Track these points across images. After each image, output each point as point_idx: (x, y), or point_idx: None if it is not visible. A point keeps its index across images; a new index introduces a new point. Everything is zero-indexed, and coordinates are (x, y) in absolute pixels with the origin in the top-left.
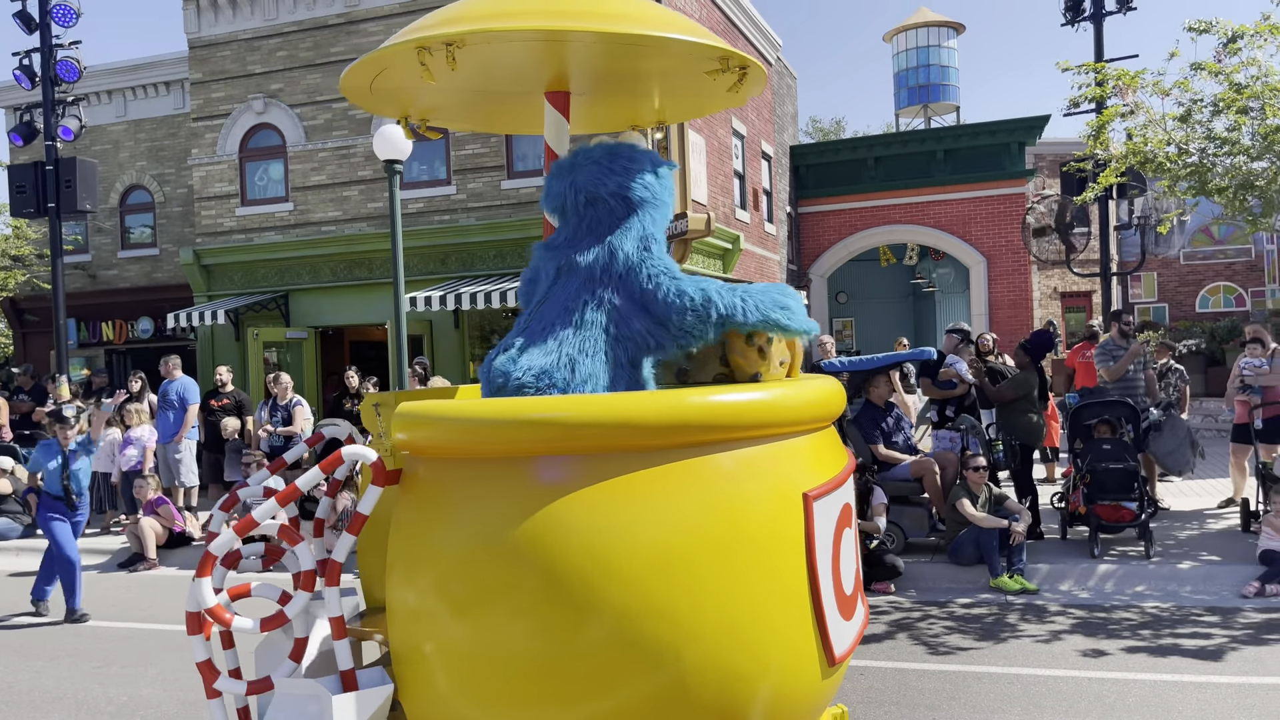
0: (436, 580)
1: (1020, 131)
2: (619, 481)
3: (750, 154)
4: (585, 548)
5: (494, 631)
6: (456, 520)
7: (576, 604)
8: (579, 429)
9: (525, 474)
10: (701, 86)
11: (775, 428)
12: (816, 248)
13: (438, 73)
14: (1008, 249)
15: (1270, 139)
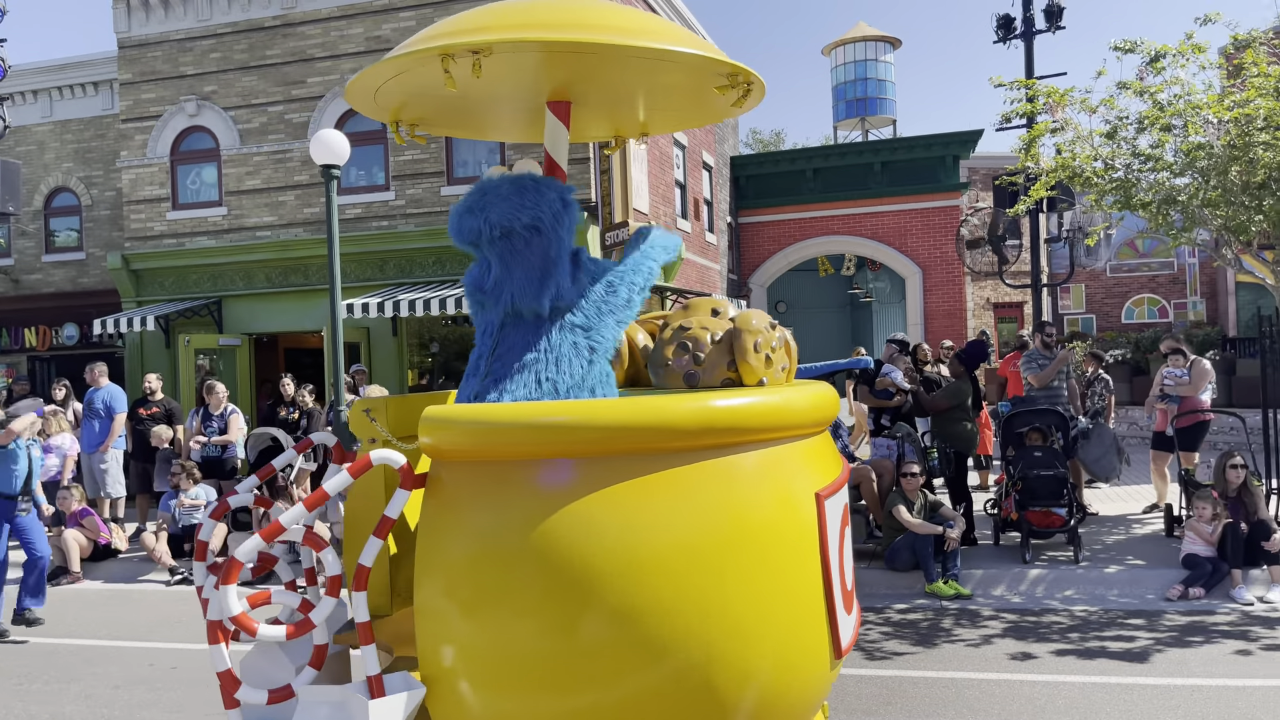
0: (473, 580)
1: (955, 145)
2: (650, 481)
3: (691, 164)
4: (620, 546)
5: (530, 628)
6: (491, 521)
7: (613, 600)
8: (611, 432)
9: (558, 475)
10: (703, 98)
11: (788, 430)
12: (757, 257)
13: (456, 80)
14: (942, 260)
15: (1191, 156)
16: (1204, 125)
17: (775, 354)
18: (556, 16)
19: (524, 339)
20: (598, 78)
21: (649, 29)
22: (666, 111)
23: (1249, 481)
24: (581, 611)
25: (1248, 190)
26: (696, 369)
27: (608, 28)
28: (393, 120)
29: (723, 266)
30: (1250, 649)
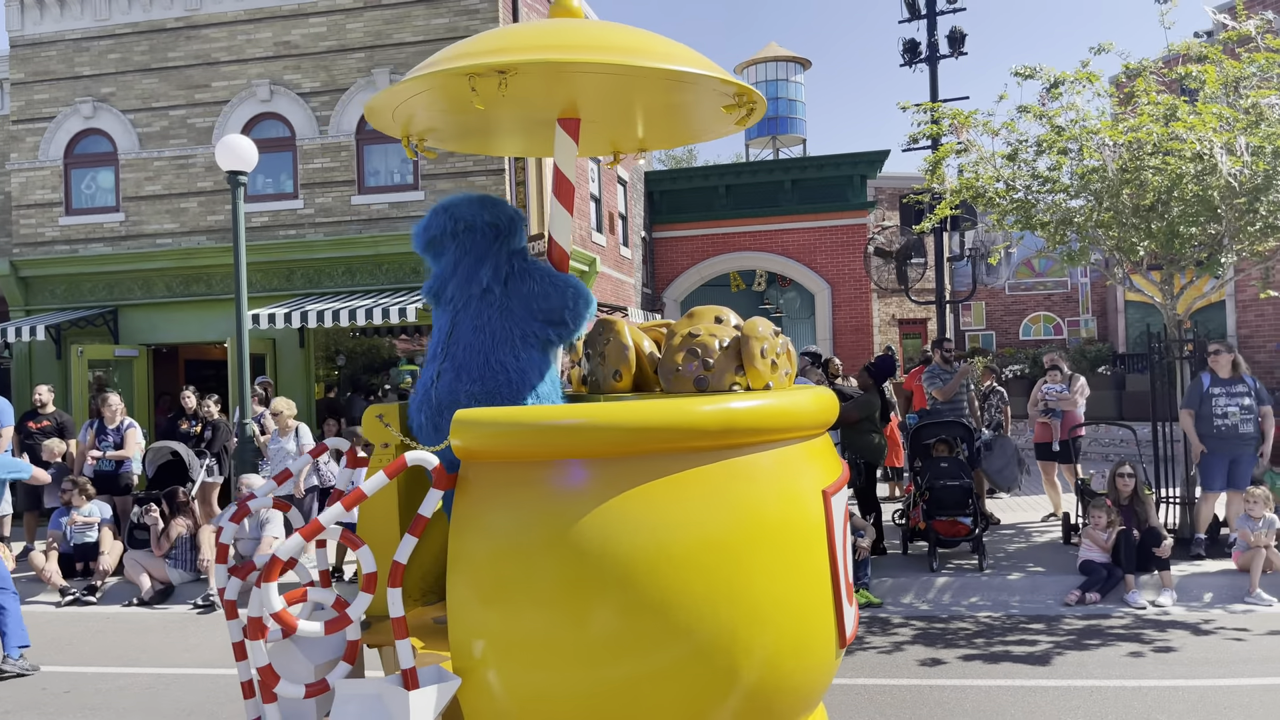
0: (509, 574)
1: (863, 165)
2: (674, 479)
3: (607, 179)
4: (649, 540)
5: (562, 619)
6: (523, 518)
7: (641, 590)
8: (638, 433)
9: (586, 474)
10: (707, 116)
11: (798, 431)
12: (670, 272)
13: (480, 99)
14: (850, 277)
15: (1086, 179)
16: (1099, 149)
17: (779, 360)
18: (576, 39)
19: (474, 325)
20: (607, 96)
21: (664, 51)
22: (671, 128)
23: (1140, 490)
24: (612, 603)
25: (1138, 212)
26: (706, 374)
27: (628, 49)
28: (404, 135)
29: (637, 281)
30: (1143, 651)
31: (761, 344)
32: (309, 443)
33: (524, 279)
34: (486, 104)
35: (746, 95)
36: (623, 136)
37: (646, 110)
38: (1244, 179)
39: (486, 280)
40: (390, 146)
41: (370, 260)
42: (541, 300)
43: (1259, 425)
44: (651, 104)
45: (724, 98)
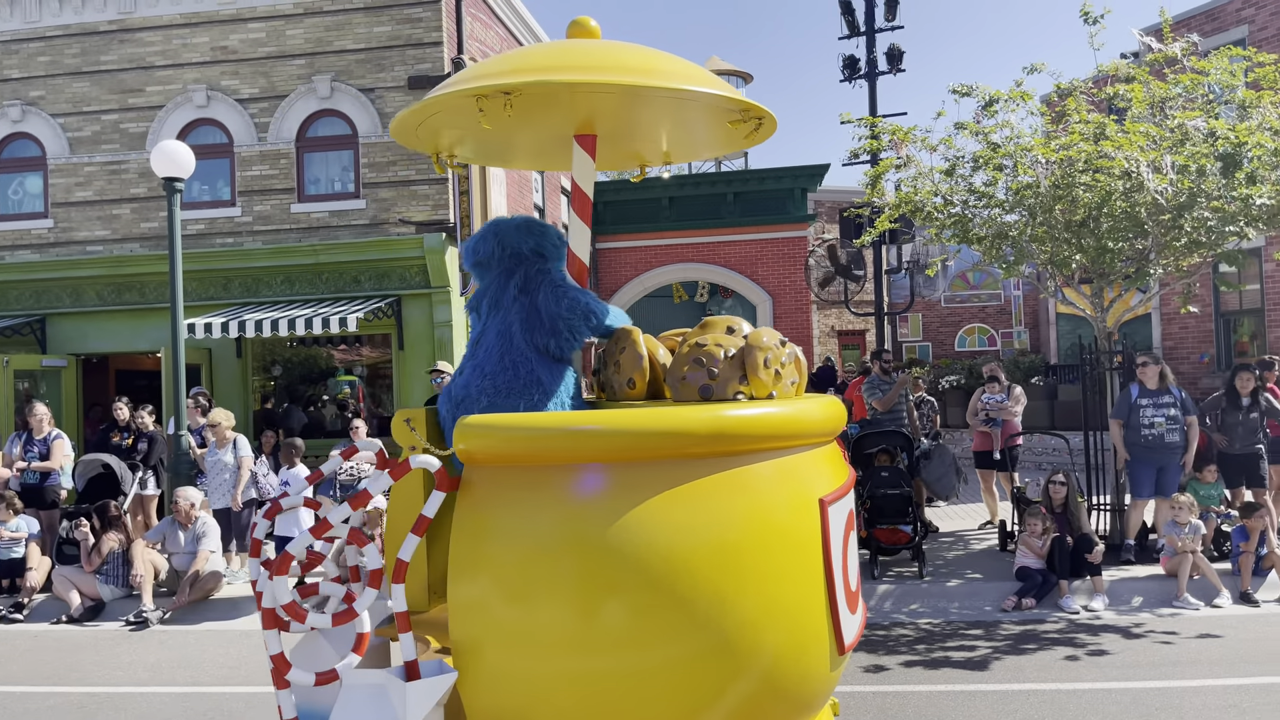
0: (511, 575)
1: (804, 178)
2: (688, 486)
3: (550, 189)
4: (648, 543)
5: (563, 620)
6: (525, 521)
7: (638, 592)
8: (636, 438)
9: (589, 479)
10: (719, 131)
11: (797, 439)
12: (614, 283)
13: (491, 118)
14: (791, 288)
15: (1021, 194)
16: (1032, 166)
17: (785, 369)
18: (583, 59)
19: (497, 330)
20: (621, 113)
21: (669, 70)
22: (686, 143)
23: (1072, 498)
24: (611, 604)
25: (1069, 227)
26: (710, 383)
27: (634, 69)
28: (434, 151)
29: None
30: (1078, 654)
31: (765, 354)
32: (247, 454)
33: (539, 288)
34: (494, 124)
35: (752, 111)
36: (643, 151)
37: (659, 127)
38: (1169, 196)
39: (514, 291)
40: (331, 154)
41: (310, 269)
42: (546, 309)
43: (1185, 434)
44: (663, 121)
45: (730, 114)
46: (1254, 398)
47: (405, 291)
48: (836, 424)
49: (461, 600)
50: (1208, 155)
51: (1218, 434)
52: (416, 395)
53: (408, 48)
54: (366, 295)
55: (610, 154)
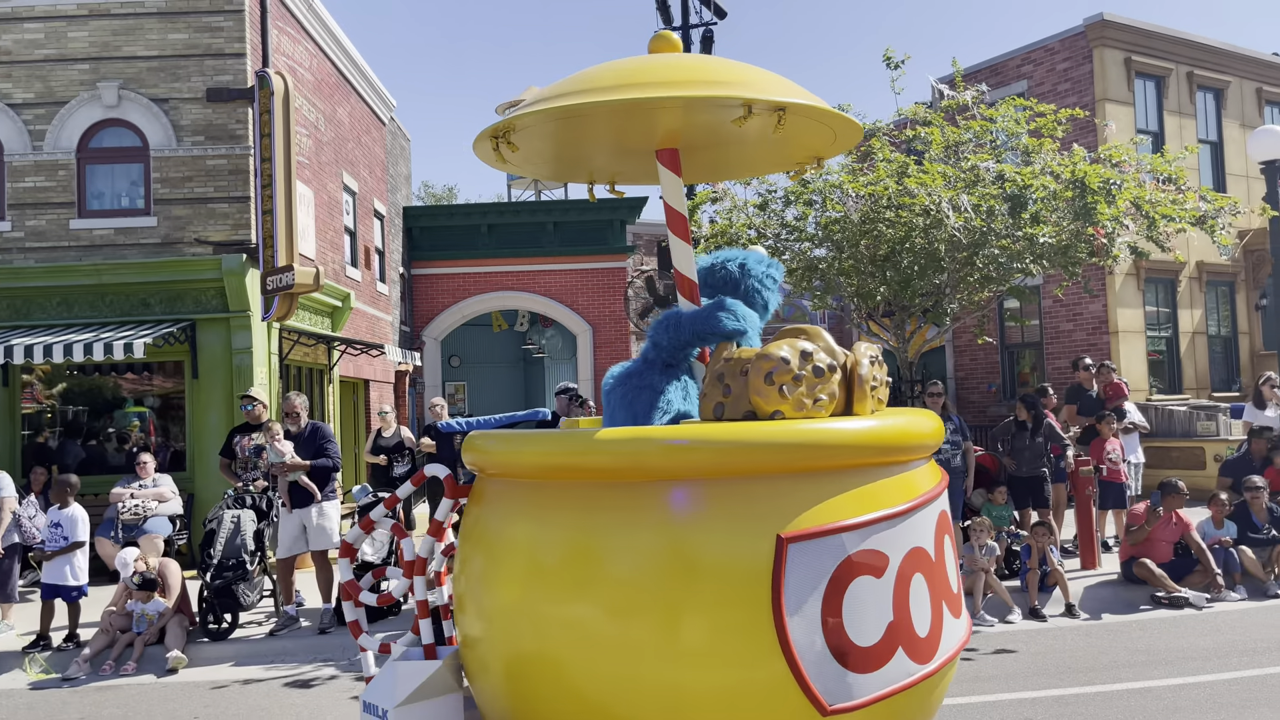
0: (548, 579)
1: (623, 210)
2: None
3: (362, 211)
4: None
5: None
6: (539, 529)
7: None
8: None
9: (572, 494)
10: (797, 142)
11: (912, 453)
12: (430, 310)
13: (566, 137)
14: (611, 319)
15: (829, 229)
16: (841, 201)
17: (801, 383)
18: (664, 74)
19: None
20: (706, 126)
21: (750, 81)
22: (763, 155)
23: None
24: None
25: (874, 261)
26: (723, 401)
27: (712, 82)
28: (506, 164)
29: (395, 318)
30: None
31: (768, 368)
32: (10, 494)
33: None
34: (568, 143)
35: (832, 120)
36: (721, 163)
37: (738, 138)
38: (965, 234)
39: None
40: (118, 167)
41: (91, 290)
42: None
43: (964, 459)
44: (747, 132)
45: (809, 123)
46: (1037, 423)
47: (201, 316)
48: (938, 437)
49: (462, 597)
50: (996, 197)
51: (1007, 458)
52: (212, 426)
53: (206, 57)
54: (157, 319)
55: (701, 166)
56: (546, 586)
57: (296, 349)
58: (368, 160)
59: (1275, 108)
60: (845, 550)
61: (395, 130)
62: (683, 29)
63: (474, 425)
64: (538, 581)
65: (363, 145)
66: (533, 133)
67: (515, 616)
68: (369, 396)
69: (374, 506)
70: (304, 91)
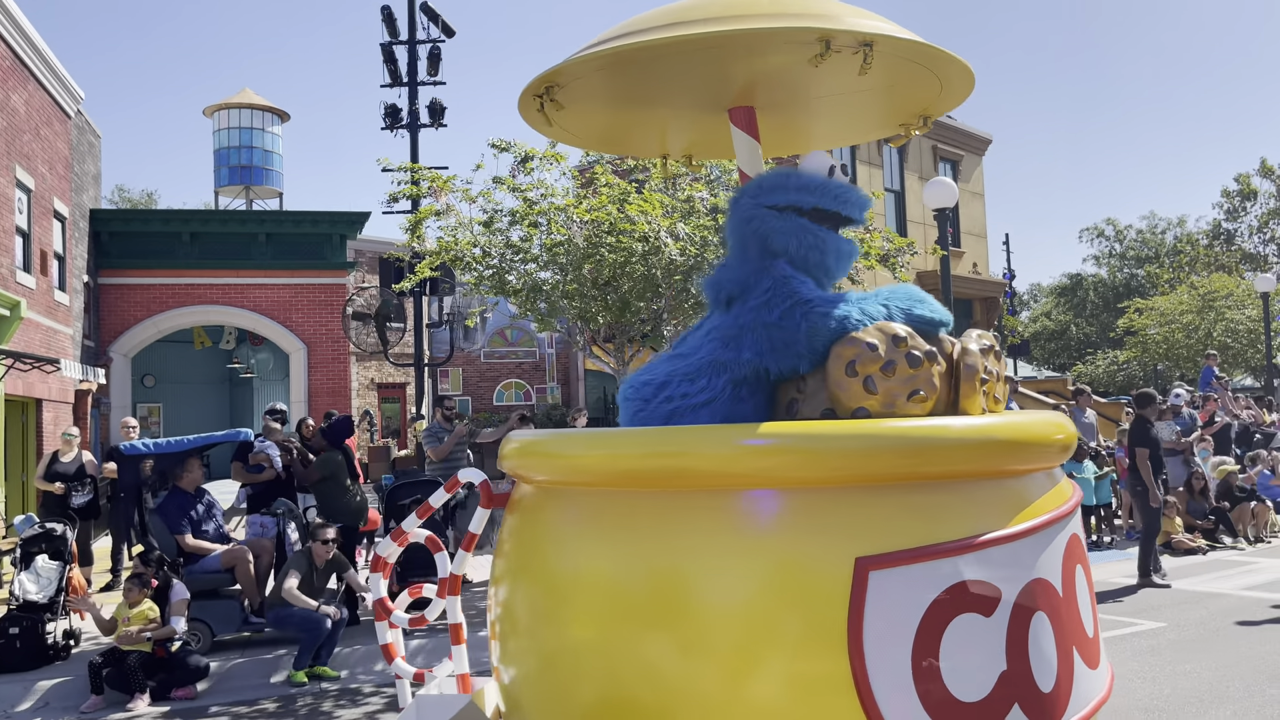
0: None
1: (343, 224)
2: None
3: (39, 211)
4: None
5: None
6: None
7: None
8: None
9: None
10: (891, 100)
11: (1033, 461)
12: (119, 324)
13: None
14: (328, 337)
15: (554, 251)
16: (566, 225)
17: (892, 374)
18: (730, 8)
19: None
20: (776, 76)
21: (833, 13)
22: (855, 115)
23: None
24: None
25: (597, 285)
26: (796, 396)
27: (786, 14)
28: (560, 132)
29: (76, 331)
30: None
31: (849, 358)
32: None
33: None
34: (627, 102)
35: (947, 63)
36: (808, 127)
37: (826, 92)
38: (682, 261)
39: None
40: None
41: None
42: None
43: None
44: (829, 84)
45: (916, 69)
46: None
47: None
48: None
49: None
50: (710, 228)
51: None
52: None
53: None
54: None
55: (772, 132)
56: (623, 621)
57: None
58: (47, 155)
59: (947, 163)
60: (944, 580)
61: (83, 125)
62: (409, 44)
63: (162, 447)
64: (611, 615)
65: (42, 138)
66: (585, 91)
67: (587, 656)
68: (41, 417)
69: (45, 539)
70: None
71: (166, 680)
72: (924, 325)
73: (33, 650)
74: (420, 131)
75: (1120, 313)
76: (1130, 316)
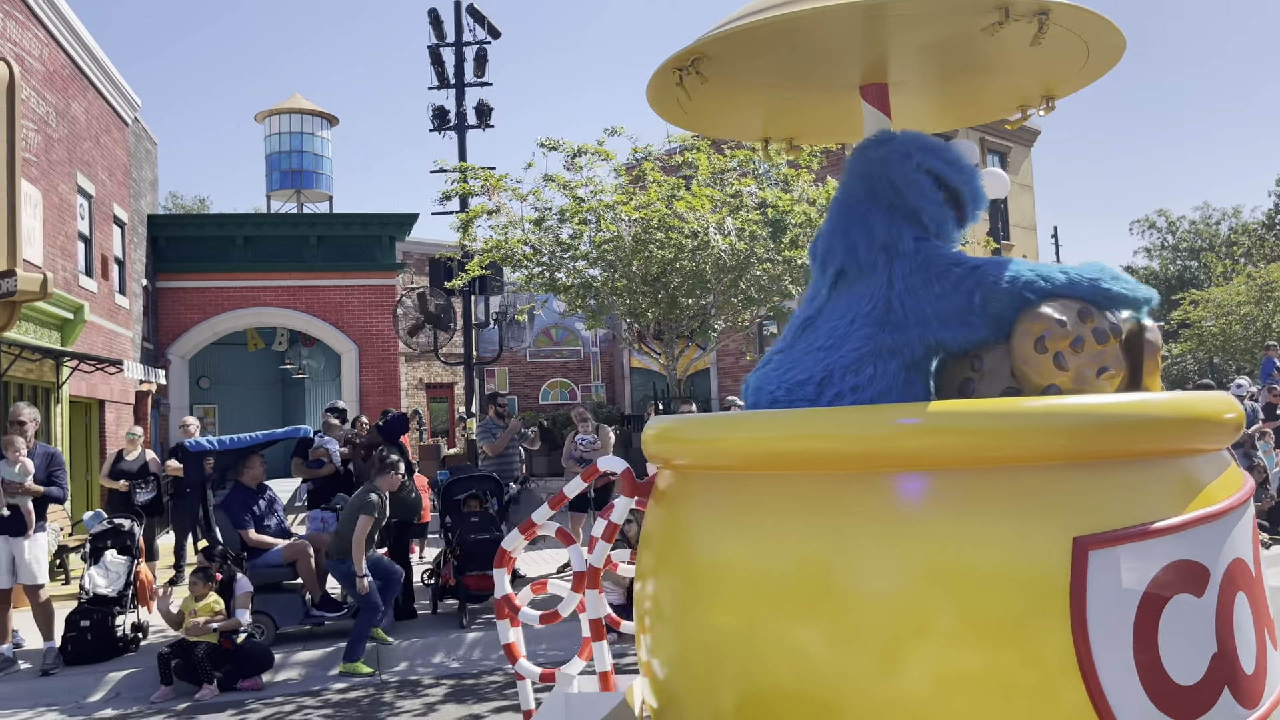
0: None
1: (392, 226)
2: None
3: (100, 217)
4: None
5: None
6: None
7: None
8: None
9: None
10: (1024, 69)
11: (1226, 438)
12: (177, 326)
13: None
14: (378, 338)
15: (602, 249)
16: (615, 222)
17: (1081, 349)
18: None
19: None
20: (931, 51)
21: None
22: (982, 93)
23: None
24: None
25: (646, 281)
26: (971, 375)
27: None
28: (761, 139)
29: (136, 334)
30: None
31: (1039, 331)
32: None
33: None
34: (760, 81)
35: (1096, 25)
36: (942, 103)
37: (966, 65)
38: (730, 257)
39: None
40: None
41: None
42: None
43: None
44: (970, 53)
45: (1064, 42)
46: None
47: None
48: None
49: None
50: (758, 222)
51: None
52: None
53: None
54: None
55: (906, 109)
56: (769, 608)
57: (18, 364)
58: (107, 162)
59: (995, 155)
60: (1159, 560)
61: (140, 132)
62: (456, 46)
63: (225, 444)
64: (757, 603)
65: (101, 146)
66: (720, 69)
67: (731, 644)
68: (104, 418)
69: (113, 534)
70: (33, 83)
71: (233, 671)
72: (1112, 301)
73: (103, 642)
74: (467, 133)
75: (1174, 305)
76: (1185, 309)
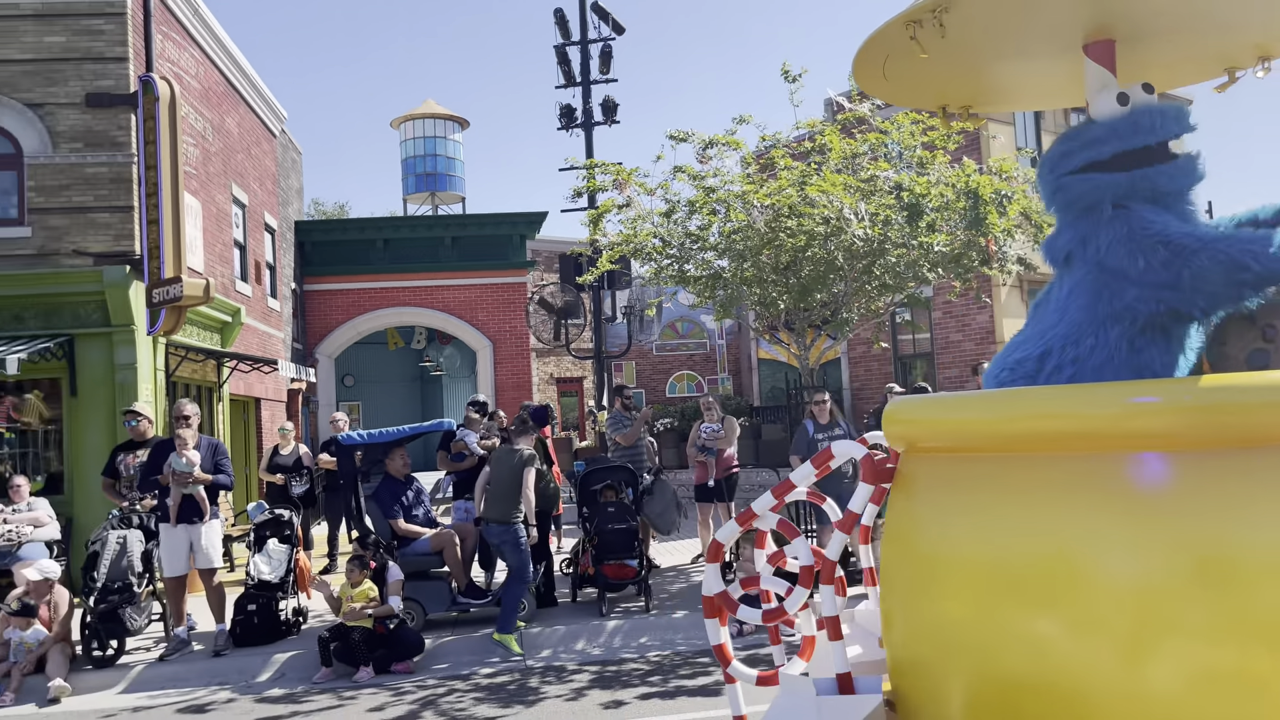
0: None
1: (522, 225)
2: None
3: (252, 225)
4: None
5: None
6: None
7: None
8: None
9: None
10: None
11: None
12: (323, 327)
13: (936, 40)
14: (511, 334)
15: (731, 239)
16: (745, 211)
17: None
18: None
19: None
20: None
21: None
22: (1189, 54)
23: None
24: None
25: (776, 270)
26: (1264, 346)
27: None
28: (939, 105)
29: (287, 335)
30: None
31: None
32: None
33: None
34: (978, 44)
35: None
36: (1159, 63)
37: (1185, 26)
38: (864, 243)
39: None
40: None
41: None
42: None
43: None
44: (1188, 17)
45: None
46: None
47: (80, 330)
48: None
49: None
50: (893, 207)
51: None
52: (93, 446)
53: (86, 61)
54: (31, 334)
55: (1131, 65)
56: (1007, 595)
57: (184, 365)
58: (258, 172)
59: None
60: None
61: (286, 143)
62: (581, 44)
63: (374, 437)
64: (993, 589)
65: (253, 157)
66: (955, 24)
67: (962, 633)
68: (260, 415)
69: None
70: (190, 100)
71: (387, 655)
72: None
73: (268, 626)
74: (594, 130)
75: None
76: None
